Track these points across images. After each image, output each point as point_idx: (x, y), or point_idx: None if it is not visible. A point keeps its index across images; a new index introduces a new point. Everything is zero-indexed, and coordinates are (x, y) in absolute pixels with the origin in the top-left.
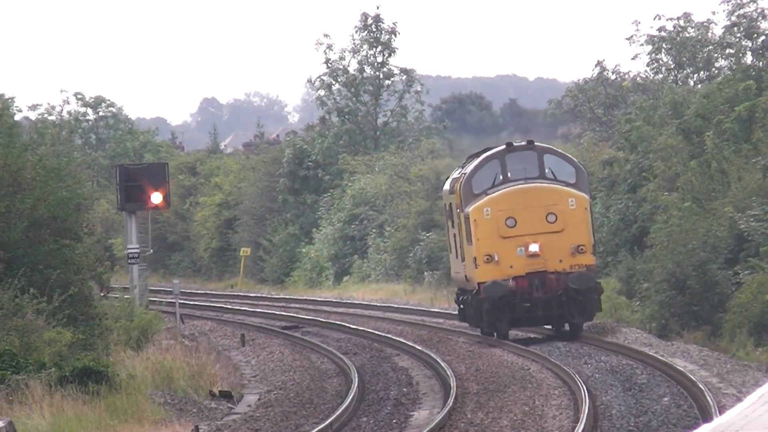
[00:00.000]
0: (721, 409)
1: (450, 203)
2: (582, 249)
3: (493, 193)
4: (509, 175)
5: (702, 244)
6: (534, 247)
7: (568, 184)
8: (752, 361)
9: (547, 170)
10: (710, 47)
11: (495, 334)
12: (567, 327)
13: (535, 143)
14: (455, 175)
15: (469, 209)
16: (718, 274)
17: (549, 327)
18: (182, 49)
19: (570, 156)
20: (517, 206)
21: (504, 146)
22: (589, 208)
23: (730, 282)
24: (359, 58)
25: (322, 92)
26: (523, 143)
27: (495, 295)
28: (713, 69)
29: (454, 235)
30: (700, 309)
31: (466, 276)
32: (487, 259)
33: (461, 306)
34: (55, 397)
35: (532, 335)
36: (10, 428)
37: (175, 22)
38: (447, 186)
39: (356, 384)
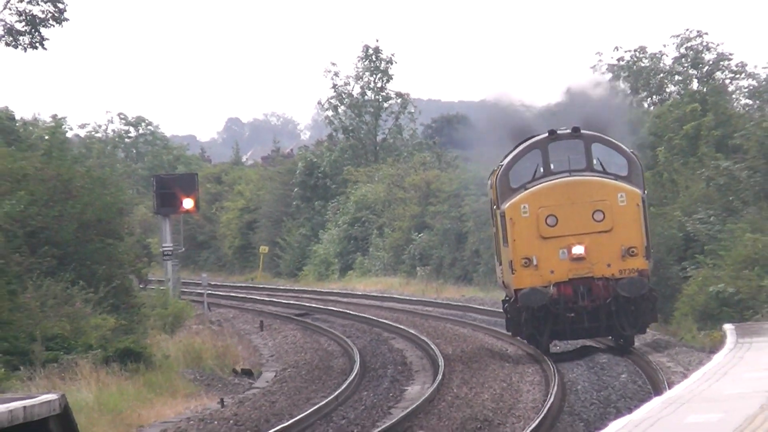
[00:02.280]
0: (670, 384)
1: (490, 200)
2: (633, 251)
3: (532, 187)
4: (552, 166)
5: (656, 244)
6: (578, 250)
7: (618, 177)
8: (697, 343)
9: (595, 161)
10: (662, 75)
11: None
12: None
13: (582, 130)
14: (495, 168)
15: (505, 206)
16: (671, 269)
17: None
18: (210, 76)
19: (622, 145)
20: (559, 202)
21: (546, 134)
22: (641, 205)
23: (680, 276)
24: (361, 83)
25: (329, 113)
26: (567, 130)
27: (534, 304)
28: (664, 93)
29: (494, 235)
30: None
31: (503, 282)
32: (525, 262)
33: (507, 315)
34: (100, 374)
35: None
36: (63, 401)
37: (205, 53)
38: (489, 181)
39: (358, 363)
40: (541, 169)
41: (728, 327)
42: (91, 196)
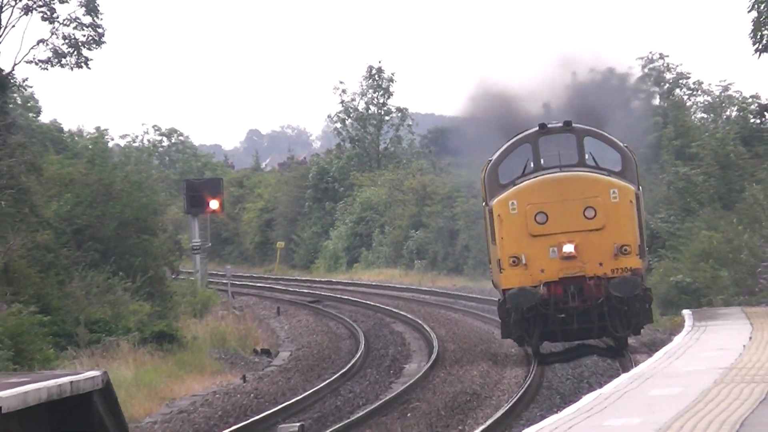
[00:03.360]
0: (636, 363)
1: (482, 197)
2: (626, 249)
3: (521, 183)
4: (542, 161)
5: None
6: (569, 248)
7: (611, 173)
8: (659, 327)
9: (587, 156)
10: (628, 92)
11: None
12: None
13: (574, 124)
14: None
15: (493, 202)
16: None
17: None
18: (233, 93)
19: (615, 140)
20: (549, 199)
21: (537, 127)
22: (635, 201)
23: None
24: (366, 99)
25: (338, 125)
26: (559, 124)
27: (523, 304)
28: (629, 107)
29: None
30: None
31: (493, 281)
32: (514, 261)
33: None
34: (137, 354)
35: None
36: (105, 377)
37: (229, 73)
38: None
39: (363, 344)
40: (531, 164)
41: (686, 312)
42: (129, 198)
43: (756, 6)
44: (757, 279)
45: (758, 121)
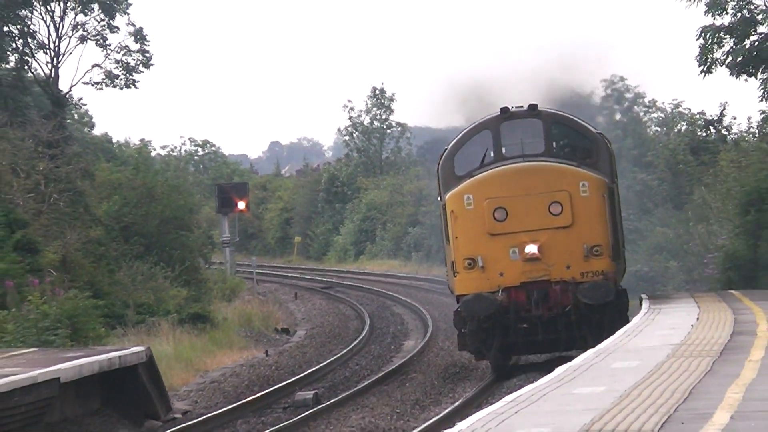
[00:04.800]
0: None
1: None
2: (597, 251)
3: (478, 174)
4: (504, 150)
5: None
6: (532, 249)
7: (582, 163)
8: None
9: (555, 144)
10: (592, 109)
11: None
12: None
13: (541, 108)
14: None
15: (447, 197)
16: None
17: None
18: (257, 109)
19: (588, 125)
20: (510, 193)
21: (499, 112)
22: (608, 195)
23: None
24: (370, 115)
25: (347, 137)
26: (523, 108)
27: (479, 312)
28: (594, 122)
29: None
30: None
31: (449, 286)
32: (469, 264)
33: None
34: (176, 332)
35: None
36: (148, 352)
37: (254, 93)
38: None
39: (368, 324)
40: (491, 154)
41: (644, 296)
42: (168, 200)
43: (703, 34)
44: (704, 269)
45: (704, 133)
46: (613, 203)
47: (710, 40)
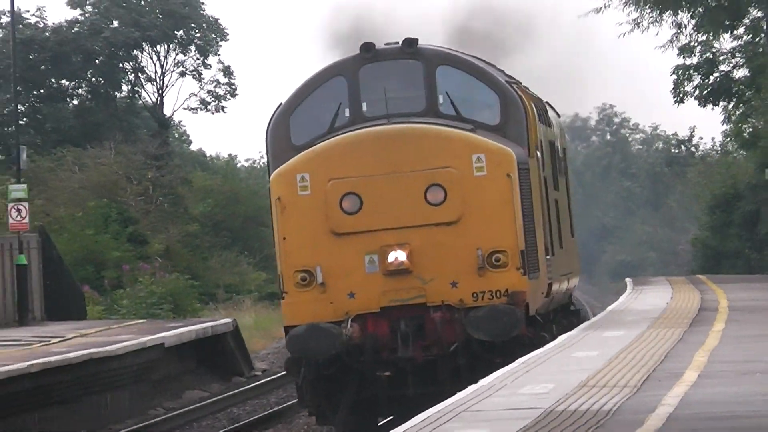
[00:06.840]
0: (595, 314)
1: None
2: (499, 259)
3: (320, 144)
4: (365, 108)
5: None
6: (399, 256)
7: (480, 126)
8: (610, 290)
9: (441, 99)
10: (588, 130)
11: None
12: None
13: (422, 45)
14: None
15: (272, 177)
16: (592, 246)
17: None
18: None
19: (492, 72)
20: (367, 171)
21: (358, 51)
22: (519, 176)
23: (600, 250)
24: None
25: None
26: (397, 44)
27: (315, 354)
28: (590, 141)
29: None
30: (584, 265)
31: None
32: (303, 279)
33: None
34: (256, 308)
35: None
36: (234, 323)
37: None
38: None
39: None
40: (346, 113)
41: (628, 280)
42: (250, 202)
43: (676, 72)
44: (677, 258)
45: (677, 151)
46: (530, 188)
47: (682, 77)
